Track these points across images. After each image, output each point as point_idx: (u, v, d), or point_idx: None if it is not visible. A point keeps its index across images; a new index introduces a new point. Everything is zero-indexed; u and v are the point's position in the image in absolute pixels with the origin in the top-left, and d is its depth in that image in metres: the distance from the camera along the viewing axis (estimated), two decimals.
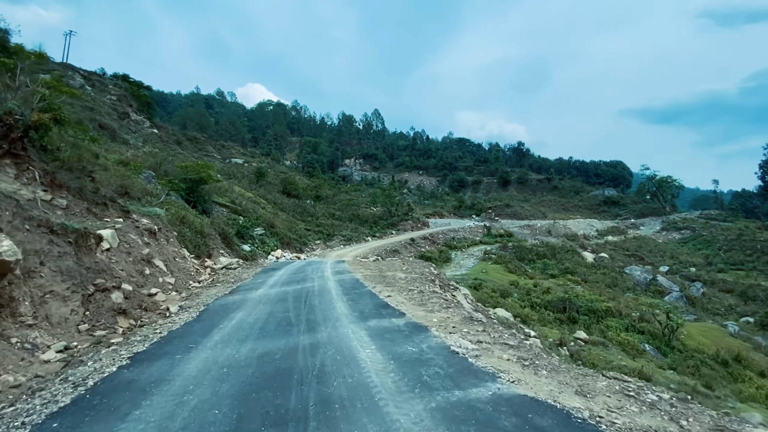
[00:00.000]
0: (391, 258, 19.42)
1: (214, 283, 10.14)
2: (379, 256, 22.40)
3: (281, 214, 31.04)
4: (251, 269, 12.98)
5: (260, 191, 35.44)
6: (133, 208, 9.60)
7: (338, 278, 10.60)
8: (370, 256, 21.18)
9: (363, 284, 9.72)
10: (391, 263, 14.63)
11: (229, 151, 51.36)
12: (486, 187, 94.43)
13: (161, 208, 12.37)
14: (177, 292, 8.46)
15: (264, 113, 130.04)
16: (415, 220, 42.41)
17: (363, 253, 22.56)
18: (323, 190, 46.59)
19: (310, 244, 26.51)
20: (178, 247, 10.70)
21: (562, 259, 31.78)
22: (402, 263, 14.25)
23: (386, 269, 12.35)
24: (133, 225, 8.89)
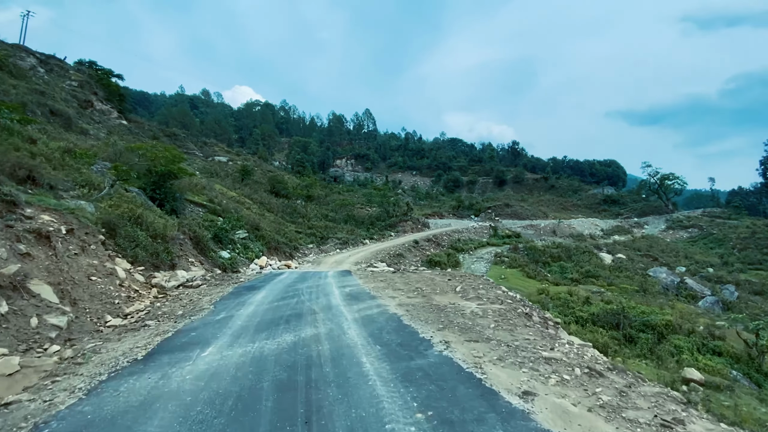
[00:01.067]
0: (416, 268, 16.18)
1: (145, 319, 6.49)
2: (383, 261, 19.25)
3: (269, 215, 27.69)
4: (221, 287, 9.66)
5: (245, 190, 32.01)
6: (34, 200, 6.35)
7: (359, 312, 6.57)
8: (375, 262, 18.02)
9: (414, 331, 5.52)
10: (431, 279, 10.15)
11: (212, 148, 47.69)
12: (482, 187, 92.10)
13: (97, 203, 9.02)
14: (59, 348, 4.82)
15: (251, 113, 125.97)
16: (415, 220, 39.37)
17: (364, 258, 19.38)
18: (315, 189, 43.22)
19: (301, 249, 23.22)
20: (102, 258, 7.36)
21: (579, 261, 29.04)
22: (449, 278, 10.18)
23: (429, 290, 8.39)
24: (5, 224, 5.58)
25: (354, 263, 17.45)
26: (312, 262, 19.35)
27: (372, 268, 14.48)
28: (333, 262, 18.33)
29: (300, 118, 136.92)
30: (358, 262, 17.68)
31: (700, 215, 60.91)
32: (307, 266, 17.79)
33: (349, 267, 15.58)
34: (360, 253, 21.73)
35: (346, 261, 18.16)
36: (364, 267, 14.86)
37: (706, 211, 63.63)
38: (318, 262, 18.64)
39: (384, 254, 21.43)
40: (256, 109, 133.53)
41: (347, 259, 19.38)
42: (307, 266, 17.77)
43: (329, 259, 19.67)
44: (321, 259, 20.48)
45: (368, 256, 20.39)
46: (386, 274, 11.99)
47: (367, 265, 15.42)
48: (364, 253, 22.05)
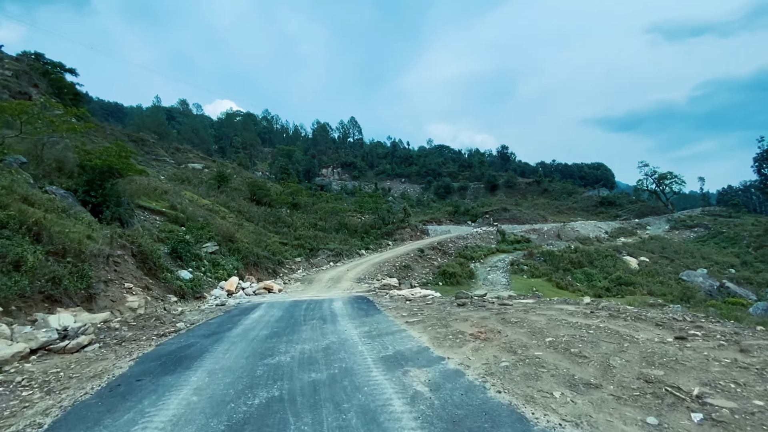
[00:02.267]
0: (509, 297, 12.08)
1: None
2: (390, 275, 15.46)
3: (248, 225, 23.65)
4: (118, 354, 5.38)
5: (221, 198, 27.89)
6: None
7: None
8: (382, 276, 14.22)
9: None
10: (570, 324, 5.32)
11: (185, 155, 43.32)
12: (473, 193, 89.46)
13: None
14: None
15: (232, 124, 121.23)
16: (413, 227, 35.79)
17: (366, 273, 15.56)
18: (301, 197, 39.27)
19: (287, 263, 19.25)
20: None
21: (604, 266, 25.81)
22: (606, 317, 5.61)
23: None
24: None
25: (356, 279, 13.63)
26: (302, 280, 15.40)
27: (394, 289, 10.69)
28: (329, 279, 14.44)
29: (283, 128, 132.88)
30: (360, 278, 13.86)
31: (701, 214, 59.29)
32: (295, 287, 13.85)
33: (354, 285, 11.75)
34: (359, 267, 17.89)
35: (345, 277, 14.32)
36: (377, 287, 11.07)
37: (706, 210, 62.10)
38: (309, 281, 14.71)
39: (389, 267, 17.66)
40: (237, 119, 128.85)
41: (345, 274, 15.52)
42: (296, 287, 13.82)
43: (323, 276, 15.76)
44: (312, 276, 16.55)
45: (370, 270, 16.58)
46: (440, 305, 7.83)
47: (380, 286, 11.64)
48: (364, 266, 18.22)
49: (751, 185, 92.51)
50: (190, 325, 7.39)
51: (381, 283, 12.56)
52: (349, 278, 14.36)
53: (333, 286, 12.78)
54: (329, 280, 14.37)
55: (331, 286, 12.91)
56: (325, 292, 11.24)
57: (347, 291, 11.26)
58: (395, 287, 11.34)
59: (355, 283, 13.12)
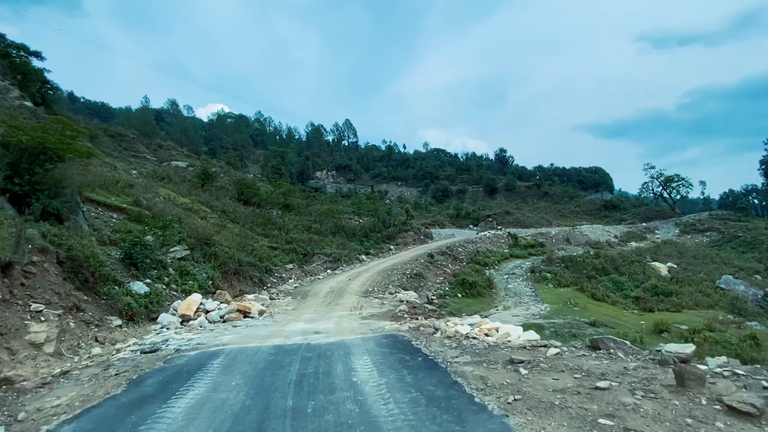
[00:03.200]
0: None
1: None
2: (402, 287, 12.61)
3: (232, 227, 20.67)
4: None
5: (203, 197, 24.85)
6: None
7: None
8: (393, 288, 11.38)
9: None
10: None
11: (168, 152, 40.16)
12: (472, 196, 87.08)
13: None
14: None
15: (223, 125, 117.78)
16: (416, 230, 32.99)
17: (374, 283, 12.68)
18: (294, 198, 36.33)
19: (277, 271, 16.29)
20: None
21: (632, 273, 23.22)
22: None
23: None
24: None
25: (362, 292, 10.75)
26: (293, 293, 12.43)
27: (432, 317, 7.76)
28: (328, 293, 11.50)
29: (276, 130, 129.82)
30: (368, 290, 10.98)
31: (709, 218, 57.40)
32: (284, 304, 10.87)
33: (362, 302, 8.85)
34: (363, 275, 14.99)
35: (347, 290, 11.41)
36: (401, 309, 8.15)
37: (713, 214, 60.21)
38: (303, 295, 11.73)
39: (398, 275, 14.78)
40: (229, 121, 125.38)
41: (348, 285, 12.61)
42: (285, 304, 10.83)
43: (320, 288, 12.81)
44: (307, 287, 13.59)
45: (377, 280, 13.69)
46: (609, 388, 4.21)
47: (398, 302, 8.72)
48: (367, 274, 15.33)
49: (753, 189, 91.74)
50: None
51: (397, 299, 9.70)
52: (353, 291, 11.46)
53: (334, 302, 9.86)
54: (328, 293, 11.44)
55: (331, 302, 9.98)
56: (325, 316, 8.31)
57: (357, 314, 8.35)
58: (425, 311, 8.47)
59: (363, 298, 10.23)
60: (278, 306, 10.13)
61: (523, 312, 13.11)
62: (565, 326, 10.82)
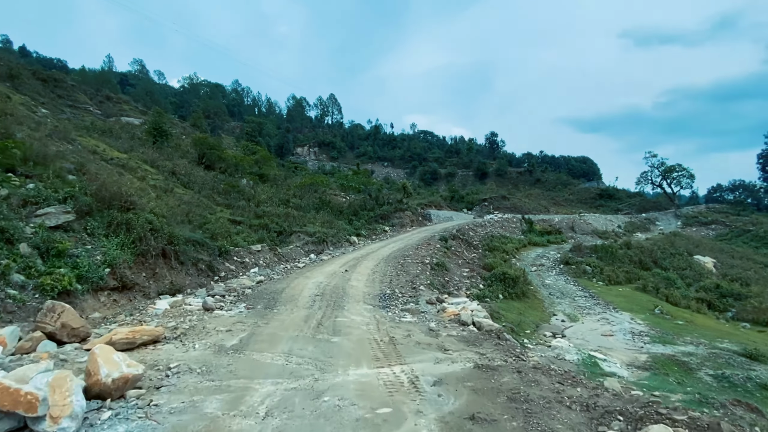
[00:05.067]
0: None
1: None
2: (433, 285, 7.92)
3: (182, 193, 15.41)
4: None
5: (150, 155, 19.23)
6: None
7: None
8: (426, 288, 6.59)
9: None
10: None
11: (118, 107, 33.65)
12: (461, 180, 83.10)
13: None
14: None
15: (197, 93, 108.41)
16: (413, 210, 28.37)
17: (390, 280, 7.92)
18: (270, 168, 30.90)
19: (238, 254, 11.27)
20: None
21: (677, 267, 19.43)
22: None
23: None
24: None
25: (376, 298, 6.00)
26: (252, 297, 7.45)
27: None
28: (315, 296, 6.64)
29: (255, 102, 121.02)
30: (385, 294, 6.21)
31: (707, 211, 55.45)
32: (224, 328, 5.86)
33: (394, 330, 3.94)
34: (363, 264, 10.18)
35: (349, 292, 6.60)
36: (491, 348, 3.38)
37: (711, 207, 58.37)
38: (269, 304, 6.76)
39: (415, 265, 10.03)
40: (204, 90, 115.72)
41: (347, 282, 7.80)
42: (224, 329, 5.81)
43: (302, 286, 7.89)
44: (278, 283, 8.67)
45: (389, 273, 8.93)
46: None
47: (461, 328, 3.93)
48: (369, 262, 10.53)
49: (740, 185, 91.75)
50: None
51: (450, 315, 5.03)
52: (357, 293, 6.68)
53: (330, 325, 5.07)
54: (315, 299, 6.58)
55: (323, 323, 5.15)
56: (319, 389, 3.48)
57: (406, 381, 3.51)
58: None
59: (380, 310, 5.52)
60: (210, 331, 5.23)
61: (605, 326, 8.77)
62: (712, 360, 6.43)
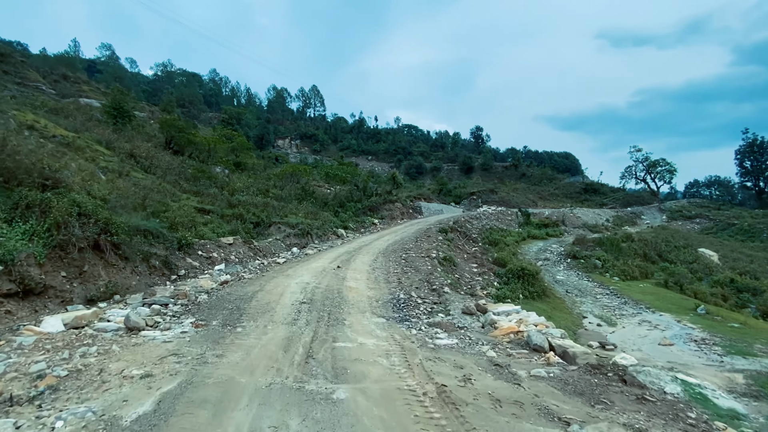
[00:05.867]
0: None
1: None
2: (453, 284, 6.12)
3: (141, 177, 13.18)
4: None
5: (107, 135, 16.76)
6: None
7: None
8: (454, 297, 4.72)
9: None
10: None
11: (76, 87, 30.51)
12: (447, 174, 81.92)
13: None
14: None
15: (171, 82, 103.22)
16: (403, 202, 26.67)
17: (400, 280, 6.09)
18: (247, 156, 28.60)
19: (203, 248, 9.26)
20: None
21: (683, 261, 18.42)
22: None
23: None
24: None
25: (387, 306, 4.19)
26: (205, 307, 5.51)
27: None
28: (300, 304, 4.79)
29: (234, 92, 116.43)
30: (397, 299, 4.29)
31: (688, 205, 55.99)
32: (138, 373, 3.96)
33: (430, 359, 2.66)
34: (358, 259, 8.35)
35: (348, 298, 4.77)
36: None
37: (692, 202, 59.02)
38: (229, 319, 4.85)
39: (422, 260, 8.28)
40: (180, 79, 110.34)
41: (343, 283, 5.93)
42: (142, 373, 3.94)
43: (280, 290, 6.01)
44: (249, 286, 6.76)
45: (393, 270, 7.10)
46: None
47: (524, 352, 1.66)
48: (365, 257, 8.72)
49: (715, 181, 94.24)
50: None
51: (507, 331, 3.32)
52: (360, 301, 4.89)
53: (339, 378, 3.26)
54: (300, 313, 4.73)
55: (322, 369, 3.36)
56: None
57: None
58: None
59: (397, 325, 3.72)
60: (109, 380, 3.30)
61: (653, 332, 7.29)
62: None
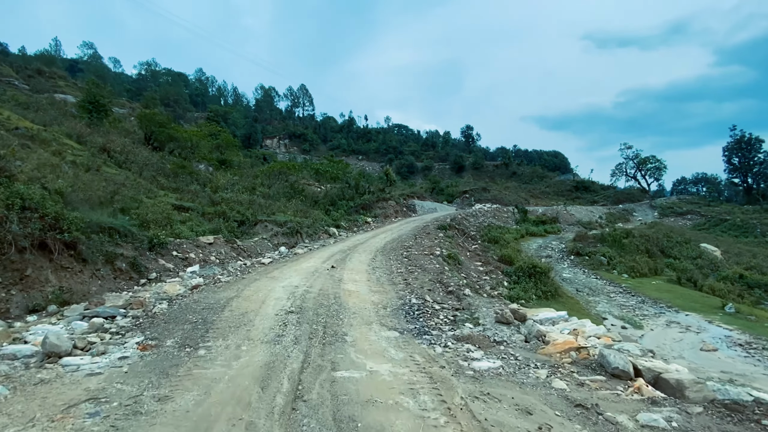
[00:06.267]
0: None
1: None
2: (473, 285, 5.22)
3: (115, 172, 12.07)
4: None
5: (79, 129, 15.54)
6: None
7: None
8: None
9: None
10: None
11: (52, 82, 29.03)
12: (438, 173, 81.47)
13: None
14: None
15: (155, 82, 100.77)
16: (396, 199, 25.82)
17: (408, 280, 5.18)
18: (233, 153, 27.45)
19: (180, 247, 8.25)
20: None
21: (687, 256, 17.92)
22: None
23: None
24: None
25: (400, 318, 3.14)
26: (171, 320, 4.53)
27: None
28: (284, 314, 3.80)
29: (220, 92, 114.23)
30: (410, 305, 3.41)
31: (678, 202, 56.33)
32: None
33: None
34: (355, 258, 7.44)
35: (348, 304, 3.89)
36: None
37: (682, 198, 59.44)
38: (195, 337, 3.89)
39: (429, 259, 7.35)
40: (165, 79, 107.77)
41: (339, 286, 4.99)
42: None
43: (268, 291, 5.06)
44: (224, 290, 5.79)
45: (395, 269, 6.17)
46: None
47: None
48: (362, 256, 7.82)
49: (703, 177, 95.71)
50: None
51: (564, 348, 2.49)
52: (367, 306, 3.94)
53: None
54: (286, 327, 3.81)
55: (316, 425, 2.43)
56: None
57: None
58: None
59: (415, 341, 2.93)
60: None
61: (687, 335, 6.55)
62: None
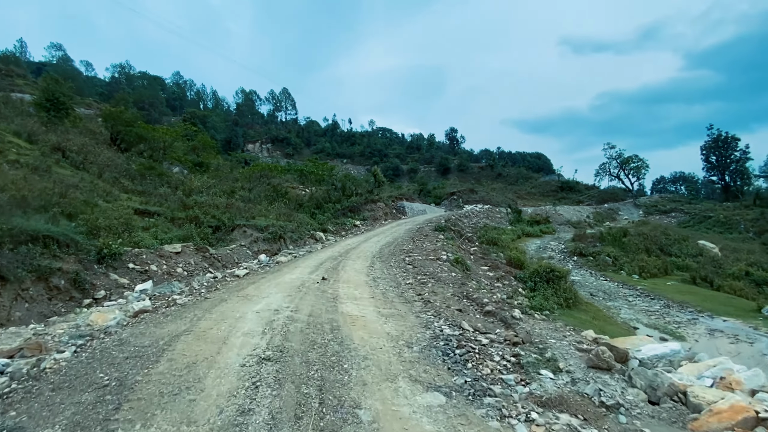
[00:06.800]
0: None
1: None
2: (478, 305, 3.95)
3: (68, 173, 10.48)
4: None
5: (30, 127, 13.83)
6: None
7: None
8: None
9: None
10: None
11: (8, 80, 26.83)
12: (424, 176, 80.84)
13: None
14: None
15: (130, 86, 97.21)
16: (386, 201, 24.69)
17: (434, 303, 3.95)
18: (211, 156, 25.83)
19: (139, 260, 6.86)
20: None
21: (688, 254, 17.35)
22: None
23: None
24: None
25: (425, 371, 2.41)
26: (70, 379, 3.23)
27: None
28: (236, 393, 2.61)
29: (199, 95, 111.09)
30: (444, 338, 2.43)
31: (661, 200, 57.04)
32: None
33: None
34: (348, 265, 6.17)
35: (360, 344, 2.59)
36: None
37: (663, 197, 60.25)
38: (88, 427, 2.58)
39: (436, 264, 6.16)
40: (140, 83, 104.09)
41: (337, 308, 3.70)
42: None
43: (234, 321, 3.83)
44: (178, 319, 4.47)
45: (402, 281, 4.86)
46: None
47: None
48: (356, 263, 6.58)
49: (680, 177, 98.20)
50: None
51: (726, 420, 1.36)
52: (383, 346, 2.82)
53: None
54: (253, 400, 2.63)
55: None
56: None
57: None
58: None
59: (474, 411, 1.68)
60: None
61: (737, 346, 5.63)
62: None
